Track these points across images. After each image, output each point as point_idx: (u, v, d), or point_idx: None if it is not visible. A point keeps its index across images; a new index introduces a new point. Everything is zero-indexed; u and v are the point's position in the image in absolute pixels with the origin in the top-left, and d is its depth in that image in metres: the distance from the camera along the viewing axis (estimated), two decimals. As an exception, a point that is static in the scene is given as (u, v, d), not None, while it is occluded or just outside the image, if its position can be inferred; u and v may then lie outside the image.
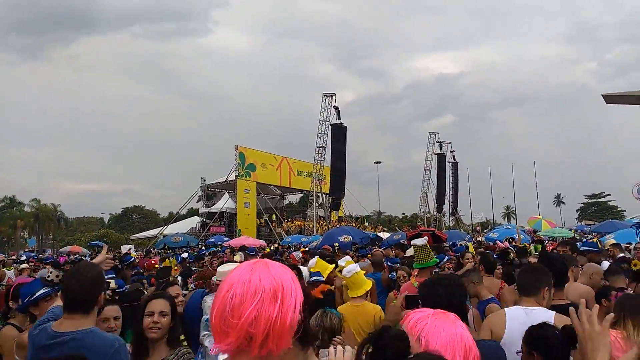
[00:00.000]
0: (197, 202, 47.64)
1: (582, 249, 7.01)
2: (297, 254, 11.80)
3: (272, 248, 19.82)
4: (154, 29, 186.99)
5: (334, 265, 5.15)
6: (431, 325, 1.46)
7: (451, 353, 1.39)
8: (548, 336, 2.47)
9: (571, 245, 8.29)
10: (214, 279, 5.16)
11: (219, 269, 5.07)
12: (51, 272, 3.96)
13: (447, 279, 2.42)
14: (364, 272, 4.91)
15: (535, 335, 2.58)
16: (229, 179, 41.87)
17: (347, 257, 6.27)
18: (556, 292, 3.44)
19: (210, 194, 46.16)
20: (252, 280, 1.37)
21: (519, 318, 2.88)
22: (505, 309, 3.18)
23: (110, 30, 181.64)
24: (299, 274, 6.90)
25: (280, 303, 1.35)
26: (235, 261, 9.25)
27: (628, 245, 10.02)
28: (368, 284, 4.65)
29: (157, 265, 11.14)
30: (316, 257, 5.63)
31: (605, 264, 5.74)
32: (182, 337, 3.20)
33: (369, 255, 9.40)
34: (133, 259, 14.17)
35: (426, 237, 3.73)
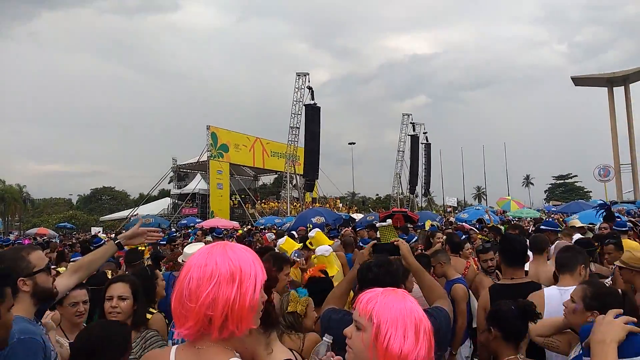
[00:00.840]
0: (169, 183, 47.00)
1: (541, 227, 7.16)
2: (270, 236, 11.75)
3: (244, 230, 19.71)
4: (120, 3, 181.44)
5: (301, 245, 5.14)
6: (381, 303, 1.50)
7: (402, 326, 1.45)
8: (503, 311, 2.54)
9: (520, 229, 8.57)
10: (180, 259, 5.08)
11: (185, 249, 4.99)
12: None
13: (377, 265, 2.40)
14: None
15: (492, 311, 2.64)
16: (201, 160, 41.32)
17: (316, 229, 6.29)
18: (515, 271, 3.54)
19: (182, 175, 45.52)
20: (209, 264, 1.39)
21: (555, 298, 3.05)
22: (544, 289, 3.33)
23: (74, 5, 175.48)
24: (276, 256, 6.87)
25: (238, 285, 1.37)
26: (206, 242, 9.17)
27: (592, 225, 10.30)
28: (334, 269, 4.66)
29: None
30: (285, 236, 5.63)
31: (562, 243, 5.89)
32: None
33: (340, 236, 9.42)
34: (103, 241, 13.91)
35: (390, 220, 3.74)
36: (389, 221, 4.18)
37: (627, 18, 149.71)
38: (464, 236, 7.82)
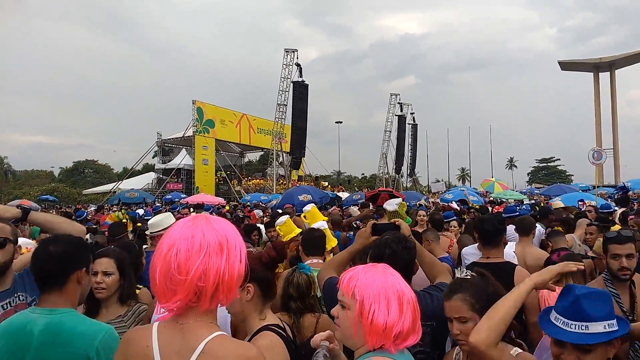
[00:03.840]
0: (153, 157, 46.41)
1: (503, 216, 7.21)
2: (258, 212, 11.74)
3: (231, 206, 19.65)
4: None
5: (300, 230, 5.11)
6: (362, 280, 1.54)
7: (385, 299, 1.49)
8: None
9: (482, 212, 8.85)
10: (147, 232, 4.96)
11: (151, 221, 4.85)
12: None
13: (394, 241, 2.42)
14: None
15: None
16: (186, 135, 40.84)
17: (312, 204, 6.27)
18: (491, 250, 3.58)
19: (166, 149, 45.01)
20: (196, 235, 1.38)
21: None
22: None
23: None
24: (259, 233, 6.86)
25: (226, 255, 1.39)
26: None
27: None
28: (333, 241, 4.69)
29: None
30: (287, 216, 5.56)
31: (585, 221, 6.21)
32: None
33: (327, 214, 9.44)
34: (86, 213, 13.75)
35: (400, 199, 3.72)
36: (396, 206, 4.13)
37: (618, 4, 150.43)
38: (455, 217, 7.91)
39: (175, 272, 1.34)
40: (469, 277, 2.08)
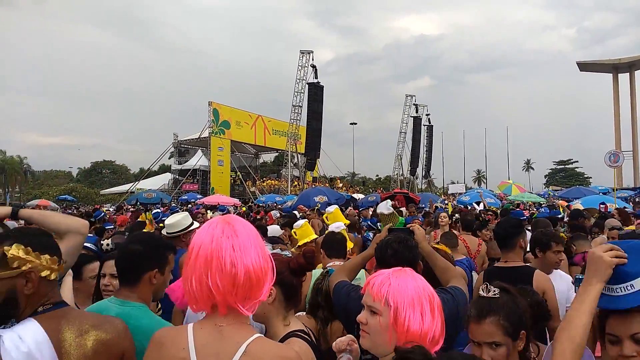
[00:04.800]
0: (169, 158, 46.90)
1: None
2: (275, 214, 11.77)
3: (246, 207, 19.74)
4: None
5: (315, 237, 5.08)
6: (394, 285, 1.51)
7: (419, 305, 1.47)
8: None
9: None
10: (163, 232, 4.92)
11: (168, 221, 4.82)
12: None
13: (395, 241, 2.39)
14: None
15: None
16: (202, 136, 41.17)
17: (334, 205, 6.23)
18: (509, 253, 3.52)
19: (182, 150, 45.41)
20: (232, 237, 1.41)
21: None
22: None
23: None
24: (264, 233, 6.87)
25: (260, 255, 1.43)
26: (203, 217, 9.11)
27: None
28: (351, 243, 4.66)
29: (129, 221, 10.92)
30: (304, 220, 5.54)
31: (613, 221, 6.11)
32: None
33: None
34: (104, 213, 13.91)
35: (389, 201, 3.71)
36: (390, 208, 4.11)
37: (637, 5, 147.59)
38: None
39: (218, 277, 1.35)
40: (497, 295, 1.87)
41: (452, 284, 2.47)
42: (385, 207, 4.53)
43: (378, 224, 7.33)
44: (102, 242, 4.26)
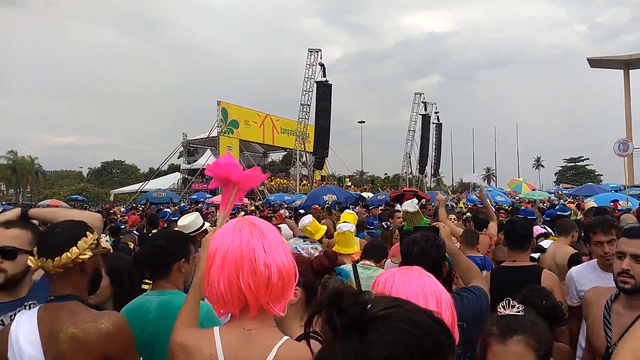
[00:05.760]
0: (178, 158, 47.12)
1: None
2: (285, 212, 11.81)
3: (255, 206, 19.80)
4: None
5: (325, 228, 5.09)
6: (398, 282, 1.50)
7: (423, 300, 1.44)
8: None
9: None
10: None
11: (181, 222, 4.86)
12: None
13: (423, 239, 2.39)
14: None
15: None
16: (211, 135, 41.34)
17: (349, 210, 6.18)
18: (518, 254, 3.45)
19: (191, 150, 45.62)
20: (271, 247, 1.42)
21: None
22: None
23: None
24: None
25: (286, 255, 1.45)
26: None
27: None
28: (354, 248, 4.64)
29: (140, 222, 10.99)
30: (310, 216, 5.53)
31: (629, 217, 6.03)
32: None
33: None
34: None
35: (415, 199, 3.69)
36: (414, 201, 4.10)
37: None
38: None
39: (250, 278, 1.36)
40: (521, 313, 1.68)
41: (473, 283, 2.48)
42: (411, 205, 4.48)
43: (384, 223, 7.32)
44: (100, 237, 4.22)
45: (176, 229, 4.72)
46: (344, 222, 4.86)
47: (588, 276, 3.06)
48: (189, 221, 4.77)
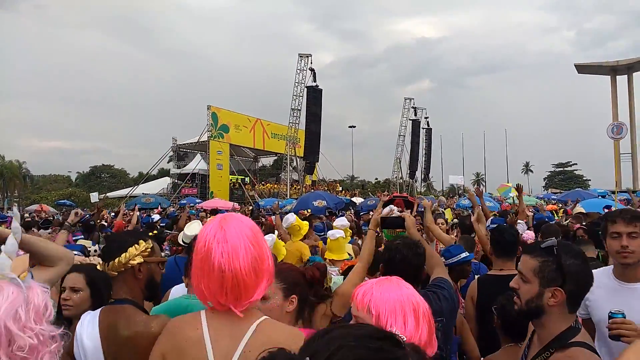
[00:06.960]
0: (168, 162, 46.99)
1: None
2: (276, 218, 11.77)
3: (247, 210, 19.73)
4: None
5: (307, 224, 5.31)
6: (377, 294, 1.52)
7: (401, 313, 1.46)
8: (508, 310, 2.48)
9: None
10: (180, 240, 4.93)
11: (186, 230, 4.86)
12: None
13: (405, 246, 2.50)
14: None
15: (499, 308, 2.73)
16: (201, 140, 41.14)
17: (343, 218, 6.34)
18: (505, 262, 3.46)
19: (181, 154, 45.42)
20: (230, 251, 1.51)
21: None
22: None
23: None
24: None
25: (266, 247, 1.60)
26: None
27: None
28: (345, 255, 4.74)
29: (127, 227, 10.88)
30: (294, 214, 5.78)
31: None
32: None
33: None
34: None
35: (393, 207, 3.71)
36: (391, 208, 4.13)
37: (638, 6, 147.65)
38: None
39: (208, 279, 1.48)
40: None
41: (436, 273, 2.64)
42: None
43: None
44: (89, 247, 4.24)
45: (182, 239, 4.76)
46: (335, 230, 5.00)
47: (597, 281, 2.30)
48: (194, 229, 4.78)
